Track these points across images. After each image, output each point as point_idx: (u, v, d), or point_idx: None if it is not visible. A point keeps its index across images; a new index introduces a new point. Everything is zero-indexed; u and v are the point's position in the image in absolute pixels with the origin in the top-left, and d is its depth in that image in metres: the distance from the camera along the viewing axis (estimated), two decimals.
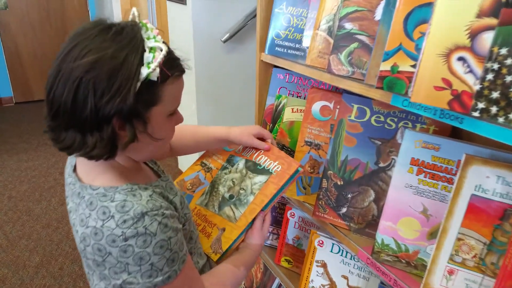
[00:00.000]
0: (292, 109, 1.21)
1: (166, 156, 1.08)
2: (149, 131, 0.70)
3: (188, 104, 2.67)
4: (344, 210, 1.01)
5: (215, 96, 2.64)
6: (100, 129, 0.65)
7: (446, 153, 0.80)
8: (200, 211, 1.05)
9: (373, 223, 0.98)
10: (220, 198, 1.04)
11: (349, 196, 1.00)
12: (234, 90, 2.67)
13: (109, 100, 0.62)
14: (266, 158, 1.04)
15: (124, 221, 0.64)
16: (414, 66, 0.71)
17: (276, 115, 1.26)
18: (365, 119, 0.96)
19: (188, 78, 2.57)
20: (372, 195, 0.98)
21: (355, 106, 0.97)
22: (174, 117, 0.76)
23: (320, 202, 1.04)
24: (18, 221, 2.69)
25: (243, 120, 2.72)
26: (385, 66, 0.72)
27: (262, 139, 1.07)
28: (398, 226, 0.86)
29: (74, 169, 0.79)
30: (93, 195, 0.69)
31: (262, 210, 0.96)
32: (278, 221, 1.41)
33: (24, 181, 3.20)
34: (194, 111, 2.63)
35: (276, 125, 1.26)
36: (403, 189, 0.83)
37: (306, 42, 1.08)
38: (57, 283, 2.17)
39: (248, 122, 2.81)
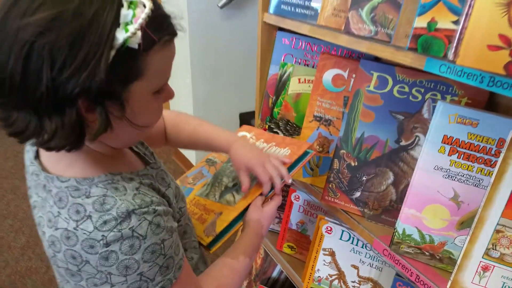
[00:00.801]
0: (299, 79, 1.09)
1: (160, 145, 0.95)
2: (128, 115, 0.54)
3: (182, 78, 2.53)
4: (357, 194, 0.91)
5: (212, 67, 2.50)
6: (61, 113, 0.49)
7: (486, 130, 0.68)
8: (199, 201, 0.94)
9: (391, 209, 0.88)
10: (223, 188, 0.94)
11: (364, 178, 0.89)
12: (233, 61, 2.53)
13: (71, 74, 0.46)
14: (276, 147, 0.93)
15: (105, 222, 0.52)
16: (455, 22, 0.59)
17: (280, 86, 1.13)
18: (386, 90, 0.85)
19: (183, 49, 2.42)
20: (390, 177, 0.87)
21: (375, 75, 0.85)
22: (162, 94, 0.60)
23: (330, 185, 0.93)
24: (2, 200, 2.59)
25: (243, 93, 2.59)
26: (421, 22, 0.60)
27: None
28: (423, 214, 0.75)
29: (37, 155, 0.65)
30: (62, 188, 0.56)
31: (265, 196, 0.86)
32: (281, 204, 1.31)
33: (10, 157, 3.08)
34: (189, 85, 2.49)
35: (280, 97, 1.14)
36: (431, 172, 0.73)
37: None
38: (44, 265, 2.08)
39: (249, 95, 2.67)
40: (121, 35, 0.48)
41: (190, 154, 2.83)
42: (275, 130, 1.14)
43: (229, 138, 0.89)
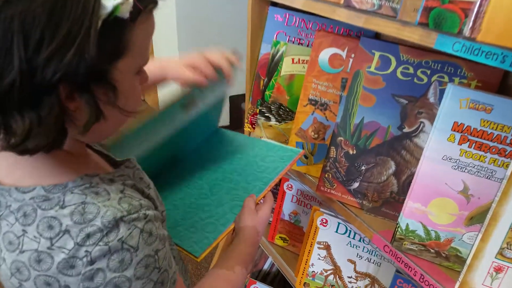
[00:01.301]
0: (293, 59, 1.01)
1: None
2: (119, 101, 0.46)
3: (169, 54, 2.43)
4: (355, 185, 0.84)
5: (200, 45, 2.40)
6: (37, 105, 0.39)
7: (500, 117, 0.62)
8: None
9: (392, 201, 0.82)
10: None
11: (363, 168, 0.83)
12: (223, 39, 2.43)
13: (52, 53, 0.37)
14: None
15: (88, 236, 0.43)
16: None
17: (272, 67, 1.06)
18: (388, 71, 0.77)
19: (169, 27, 2.32)
20: (392, 167, 0.81)
21: (377, 54, 0.78)
22: (140, 75, 0.52)
23: (326, 175, 0.87)
24: None
25: (237, 79, 2.50)
26: None
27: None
28: (428, 208, 0.69)
29: None
30: (25, 201, 0.46)
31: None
32: (272, 193, 1.24)
33: None
34: None
35: (272, 79, 1.06)
36: (439, 162, 0.66)
37: None
38: None
39: (240, 77, 2.60)
40: (109, 2, 0.40)
41: None
42: (266, 114, 1.07)
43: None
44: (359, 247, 0.94)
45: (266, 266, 1.31)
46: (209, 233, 0.80)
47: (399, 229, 0.72)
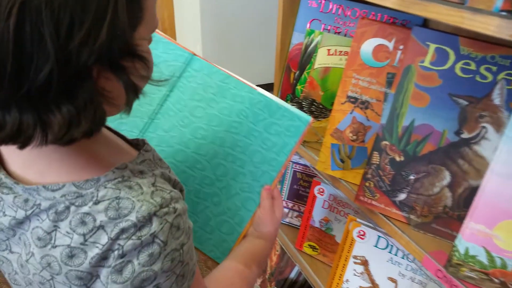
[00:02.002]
0: (329, 50, 0.91)
1: None
2: (146, 71, 0.45)
3: (191, 44, 2.36)
4: (402, 196, 0.75)
5: (224, 34, 2.31)
6: (75, 92, 0.38)
7: None
8: None
9: (444, 217, 0.72)
10: None
11: (412, 177, 0.73)
12: (248, 27, 2.33)
13: (86, 36, 0.35)
14: None
15: (122, 231, 0.43)
16: None
17: (305, 59, 0.96)
18: (445, 67, 0.67)
19: (193, 14, 2.23)
20: (446, 177, 0.71)
21: (432, 47, 0.67)
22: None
23: (367, 184, 0.77)
24: None
25: (259, 65, 2.40)
26: None
27: None
28: (494, 231, 0.60)
29: None
30: (56, 199, 0.45)
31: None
32: (301, 196, 1.16)
33: None
34: (199, 54, 2.32)
35: (305, 72, 0.97)
36: (509, 177, 0.56)
37: None
38: None
39: (266, 67, 2.49)
40: None
41: None
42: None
43: None
44: (401, 264, 0.85)
45: (292, 275, 1.23)
46: (226, 234, 0.76)
47: (456, 253, 0.63)
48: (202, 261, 1.71)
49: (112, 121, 0.77)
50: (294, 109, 0.77)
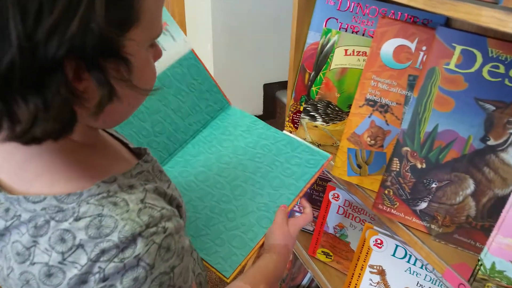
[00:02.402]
0: (346, 50, 0.88)
1: None
2: (133, 77, 0.41)
3: (203, 44, 2.34)
4: (423, 205, 0.72)
5: (236, 31, 2.29)
6: (40, 88, 0.35)
7: None
8: None
9: (467, 228, 0.69)
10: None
11: (434, 186, 0.70)
12: (259, 25, 2.30)
13: (55, 25, 0.32)
14: None
15: (103, 252, 0.40)
16: None
17: (321, 59, 0.93)
18: (472, 70, 0.64)
19: (204, 11, 2.21)
20: (470, 186, 0.68)
21: (458, 48, 0.64)
22: (153, 50, 0.48)
23: (386, 191, 0.74)
24: None
25: (273, 65, 2.38)
26: None
27: None
28: None
29: None
30: (37, 212, 0.43)
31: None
32: (314, 200, 1.13)
33: None
34: (210, 52, 2.30)
35: (320, 73, 0.94)
36: None
37: None
38: None
39: (280, 67, 2.47)
40: None
41: None
42: (312, 113, 0.95)
43: None
44: (420, 274, 0.82)
45: (305, 281, 1.20)
46: (237, 248, 0.74)
47: (482, 267, 0.60)
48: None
49: (147, 137, 0.81)
50: (314, 147, 0.83)
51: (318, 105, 0.95)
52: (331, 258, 1.06)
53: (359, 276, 0.88)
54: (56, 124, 0.37)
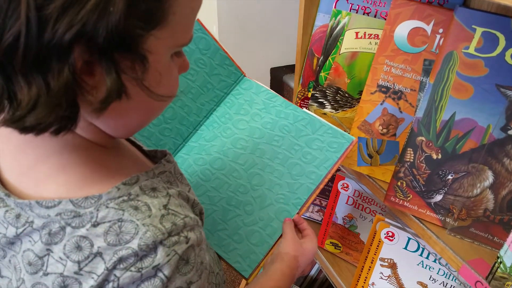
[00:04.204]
0: (357, 33, 0.85)
1: None
2: (149, 80, 0.38)
3: (207, 25, 2.29)
4: (438, 198, 0.69)
5: (242, 15, 2.24)
6: (46, 69, 0.32)
7: None
8: None
9: (485, 221, 0.66)
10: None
11: (450, 177, 0.67)
12: (268, 5, 2.25)
13: (67, 2, 0.30)
14: None
15: (120, 260, 0.38)
16: None
17: (330, 43, 0.90)
18: (494, 54, 0.60)
19: None
20: (489, 178, 0.64)
21: (479, 31, 0.60)
22: (179, 60, 0.45)
23: (399, 183, 0.71)
24: None
25: (280, 48, 2.33)
26: None
27: None
28: None
29: None
30: (51, 218, 0.40)
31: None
32: (322, 190, 1.10)
33: None
34: (215, 35, 2.26)
35: (329, 58, 0.90)
36: None
37: None
38: None
39: (288, 50, 2.42)
40: None
41: None
42: (320, 100, 0.92)
43: None
44: (433, 268, 0.79)
45: (313, 272, 1.19)
46: (255, 246, 0.71)
47: (501, 265, 0.57)
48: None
49: (157, 125, 0.78)
50: (337, 128, 0.75)
51: (327, 91, 0.91)
52: (340, 249, 1.04)
53: (369, 269, 0.85)
54: (55, 113, 0.34)
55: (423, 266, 0.80)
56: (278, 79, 2.44)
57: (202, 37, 0.81)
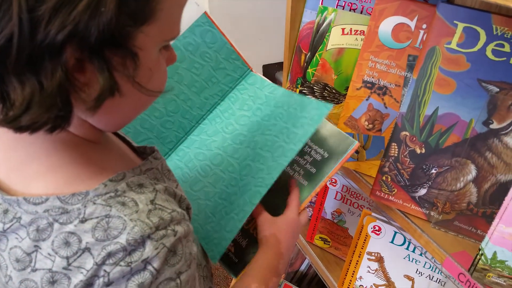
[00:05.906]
0: (343, 29, 0.85)
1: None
2: (140, 75, 0.39)
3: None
4: (422, 192, 0.70)
5: (234, 12, 2.24)
6: (39, 69, 0.33)
7: None
8: None
9: (468, 214, 0.67)
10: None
11: (434, 171, 0.68)
12: (260, 2, 2.26)
13: (59, 3, 0.31)
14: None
15: (109, 255, 0.38)
16: None
17: (317, 39, 0.90)
18: (475, 49, 0.61)
19: None
20: (472, 172, 0.65)
21: (460, 26, 0.61)
22: (167, 53, 0.46)
23: (384, 178, 0.72)
24: None
25: (272, 45, 2.33)
26: None
27: None
28: None
29: None
30: (39, 214, 0.40)
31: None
32: None
33: None
34: None
35: (316, 54, 0.91)
36: None
37: None
38: None
39: (276, 47, 2.42)
40: None
41: None
42: (308, 96, 0.92)
43: None
44: (419, 261, 0.80)
45: (303, 267, 1.20)
46: (227, 232, 0.70)
47: (482, 257, 0.58)
48: None
49: (159, 118, 0.77)
50: (322, 102, 0.71)
51: (315, 87, 0.92)
52: (329, 244, 1.04)
53: (357, 264, 0.86)
54: (50, 112, 0.35)
55: (409, 260, 0.81)
56: (271, 76, 2.44)
57: (209, 30, 0.79)
